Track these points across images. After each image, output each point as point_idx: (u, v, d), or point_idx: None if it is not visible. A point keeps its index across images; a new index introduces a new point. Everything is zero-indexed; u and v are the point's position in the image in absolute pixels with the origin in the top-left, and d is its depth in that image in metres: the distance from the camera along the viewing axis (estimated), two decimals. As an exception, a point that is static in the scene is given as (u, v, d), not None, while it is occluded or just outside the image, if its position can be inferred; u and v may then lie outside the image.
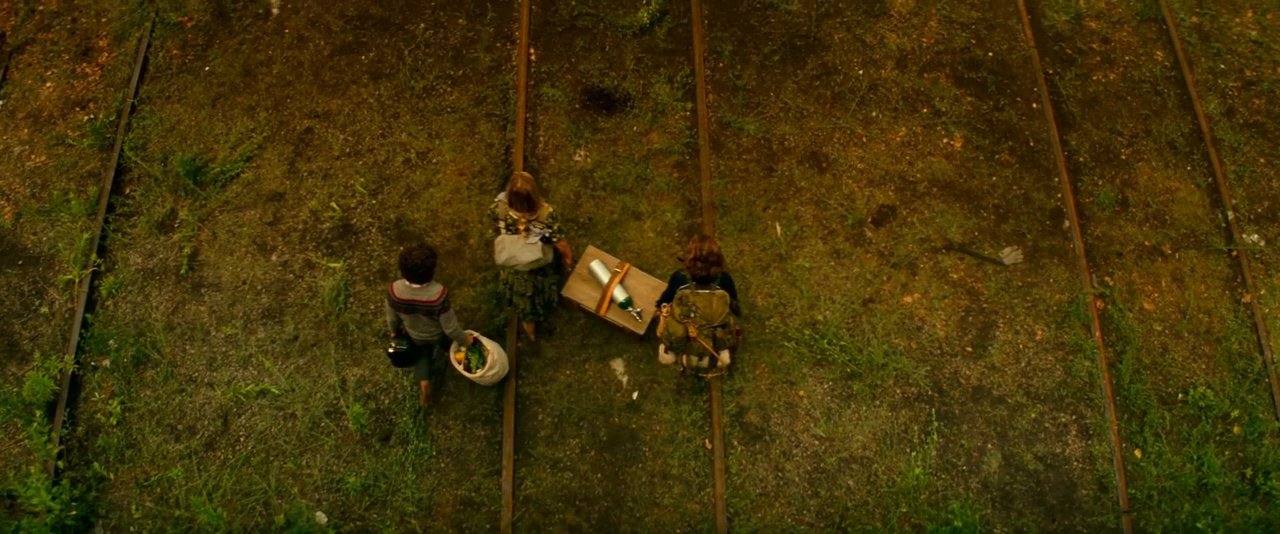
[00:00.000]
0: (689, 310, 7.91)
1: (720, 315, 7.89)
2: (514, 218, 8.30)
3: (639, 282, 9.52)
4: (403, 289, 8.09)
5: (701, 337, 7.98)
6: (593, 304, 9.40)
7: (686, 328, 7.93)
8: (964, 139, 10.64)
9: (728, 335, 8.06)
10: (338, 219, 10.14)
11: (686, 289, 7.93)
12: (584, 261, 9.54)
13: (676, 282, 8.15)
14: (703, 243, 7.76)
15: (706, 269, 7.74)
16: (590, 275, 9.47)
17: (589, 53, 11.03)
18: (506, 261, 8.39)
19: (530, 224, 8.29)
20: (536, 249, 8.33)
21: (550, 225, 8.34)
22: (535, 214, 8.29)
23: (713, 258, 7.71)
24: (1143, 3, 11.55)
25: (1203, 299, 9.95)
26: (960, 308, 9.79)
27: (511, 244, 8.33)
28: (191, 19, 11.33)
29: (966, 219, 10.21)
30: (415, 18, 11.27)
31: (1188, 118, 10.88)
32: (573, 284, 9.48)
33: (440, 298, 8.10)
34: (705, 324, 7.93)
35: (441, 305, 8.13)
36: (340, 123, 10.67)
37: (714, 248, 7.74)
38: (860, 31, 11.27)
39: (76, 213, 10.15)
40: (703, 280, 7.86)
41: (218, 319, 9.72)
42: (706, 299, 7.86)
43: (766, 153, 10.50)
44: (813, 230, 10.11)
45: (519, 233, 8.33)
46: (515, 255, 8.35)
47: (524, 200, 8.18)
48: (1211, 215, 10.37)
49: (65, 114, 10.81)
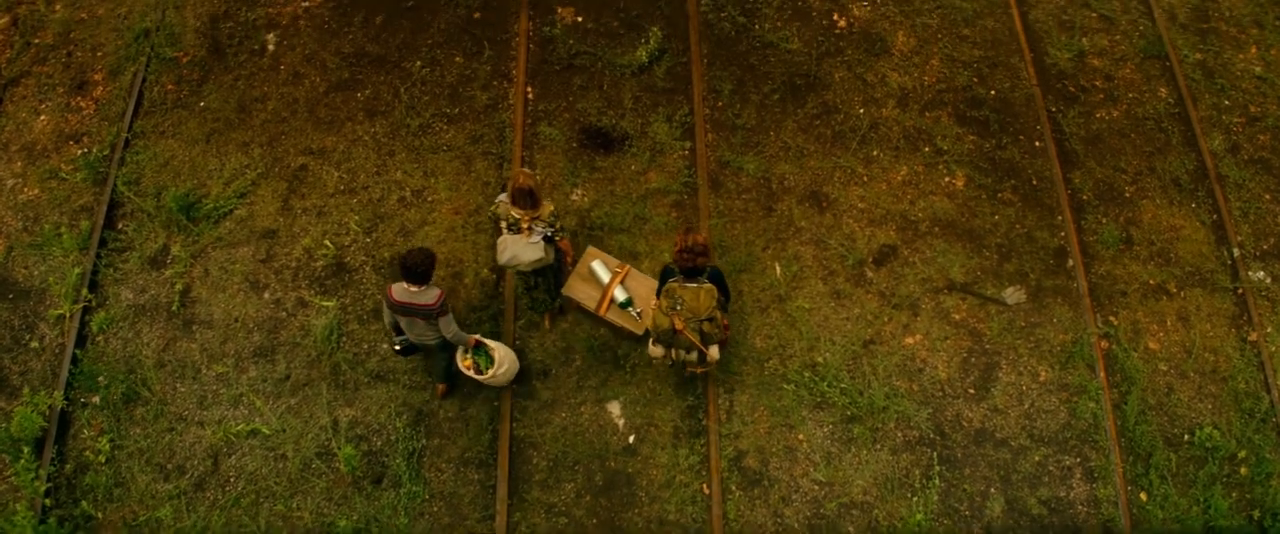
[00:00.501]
0: (675, 303, 8.07)
1: (707, 309, 8.04)
2: (516, 217, 8.50)
3: (639, 283, 9.71)
4: (400, 292, 8.28)
5: (688, 330, 8.11)
6: (593, 304, 9.57)
7: (673, 320, 8.07)
8: (966, 178, 10.80)
9: (715, 329, 8.18)
10: (331, 257, 10.30)
11: (675, 282, 8.11)
12: (584, 261, 9.72)
13: (666, 275, 8.34)
14: (689, 235, 7.93)
15: (693, 260, 7.89)
16: (591, 275, 9.65)
17: (587, 91, 11.25)
18: (509, 262, 8.64)
19: (532, 222, 8.49)
20: (538, 248, 8.58)
21: (552, 224, 8.57)
22: (537, 212, 8.49)
23: (699, 249, 7.87)
24: (1146, 40, 11.76)
25: (1208, 338, 10.05)
26: (962, 349, 9.89)
27: (514, 244, 8.57)
28: (187, 54, 11.59)
29: (969, 258, 10.34)
30: (412, 55, 11.52)
31: (1192, 155, 11.04)
32: (573, 283, 9.66)
33: (438, 302, 8.28)
34: (692, 317, 8.08)
35: (439, 309, 8.31)
36: (335, 160, 10.87)
37: (700, 239, 7.90)
38: (861, 70, 11.48)
39: (68, 247, 10.32)
40: (690, 273, 8.01)
41: (209, 357, 9.85)
42: (694, 293, 8.03)
43: (766, 192, 10.67)
44: (813, 270, 10.25)
45: (521, 232, 8.55)
46: (517, 255, 8.59)
47: (527, 196, 8.37)
48: (1217, 252, 10.50)
49: (59, 147, 11.03)
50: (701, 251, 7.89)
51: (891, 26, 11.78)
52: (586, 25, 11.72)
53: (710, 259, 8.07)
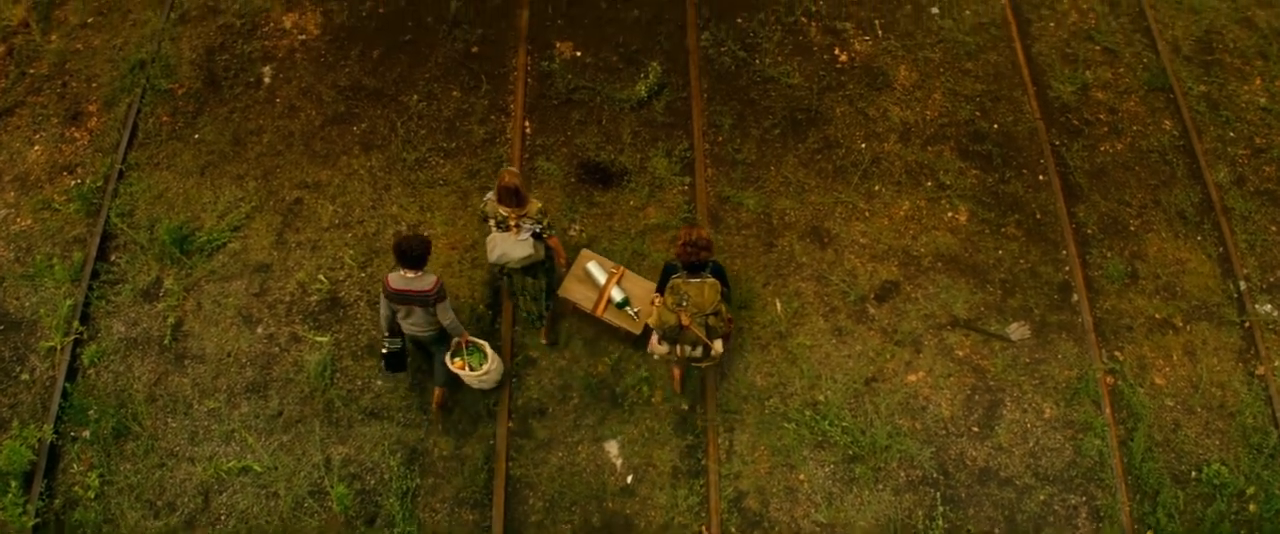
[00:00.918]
0: (681, 299, 8.31)
1: (712, 303, 8.31)
2: (503, 215, 8.70)
3: (634, 284, 9.86)
4: (397, 279, 8.47)
5: (694, 325, 8.35)
6: (589, 305, 9.72)
7: (679, 316, 8.30)
8: (969, 212, 10.90)
9: (720, 323, 8.47)
10: (326, 292, 10.39)
11: (678, 278, 8.35)
12: (580, 263, 9.89)
13: (668, 271, 8.54)
14: (693, 229, 8.23)
15: (697, 255, 8.18)
16: (587, 276, 9.81)
17: (585, 126, 11.39)
18: (499, 259, 8.85)
19: (520, 220, 8.70)
20: (527, 245, 8.78)
21: (540, 220, 8.78)
22: (524, 209, 8.71)
23: (703, 243, 8.19)
24: (1150, 72, 11.91)
25: (1215, 372, 10.10)
26: (966, 386, 9.94)
27: (502, 241, 8.79)
28: (182, 86, 11.75)
29: (972, 294, 10.42)
30: (409, 89, 11.68)
31: (1197, 187, 11.15)
32: (569, 285, 9.81)
33: (435, 288, 8.48)
34: (697, 312, 8.33)
35: (436, 295, 8.50)
36: (330, 194, 10.99)
37: (704, 234, 8.24)
38: (863, 105, 11.61)
39: (60, 278, 10.42)
40: (694, 268, 8.32)
41: (201, 392, 9.92)
42: (698, 288, 8.29)
43: (766, 228, 10.77)
44: (814, 307, 10.33)
45: (509, 230, 8.74)
46: (507, 252, 8.79)
47: (512, 195, 8.59)
48: (1223, 286, 10.58)
49: (52, 178, 11.17)
50: (705, 246, 8.20)
51: (893, 61, 11.93)
52: (585, 60, 11.89)
53: (712, 253, 8.35)
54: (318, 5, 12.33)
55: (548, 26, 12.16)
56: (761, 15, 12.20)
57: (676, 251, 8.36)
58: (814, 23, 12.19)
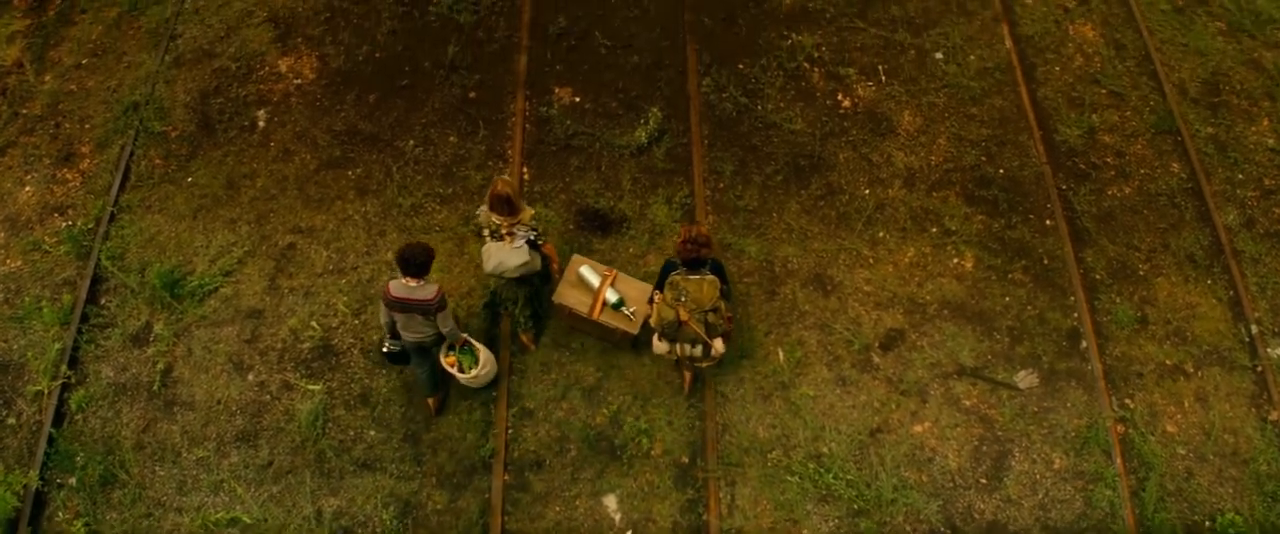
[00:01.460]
0: (680, 294, 8.52)
1: (711, 299, 8.54)
2: (496, 224, 8.92)
3: (628, 285, 10.00)
4: (399, 287, 8.64)
5: (693, 321, 8.54)
6: (585, 308, 9.82)
7: (678, 311, 8.50)
8: (975, 258, 10.98)
9: (719, 320, 8.67)
10: (318, 339, 10.45)
11: (677, 275, 8.58)
12: (572, 268, 10.01)
13: (667, 268, 8.79)
14: (692, 226, 8.45)
15: (696, 251, 8.40)
16: (580, 281, 9.94)
17: (584, 172, 11.50)
18: (495, 269, 9.04)
19: (513, 228, 8.90)
20: (523, 253, 8.97)
21: (534, 228, 8.99)
22: (517, 217, 8.92)
23: (702, 240, 8.43)
24: (1157, 115, 12.04)
25: (1228, 418, 10.13)
26: (973, 437, 9.97)
27: (498, 251, 8.98)
28: (176, 128, 11.88)
29: (979, 342, 10.47)
30: (405, 134, 11.81)
31: (1206, 230, 11.25)
32: (563, 290, 9.93)
33: (436, 297, 8.67)
34: (696, 308, 8.53)
35: (438, 304, 8.70)
36: (324, 239, 11.09)
37: (703, 230, 8.49)
38: (866, 150, 11.72)
39: (49, 321, 10.49)
40: (693, 264, 8.57)
41: (190, 440, 9.95)
42: (697, 284, 8.53)
43: (769, 275, 10.85)
44: (817, 356, 10.38)
45: (503, 239, 8.94)
46: (502, 261, 8.98)
47: (505, 203, 8.81)
48: (1234, 330, 10.63)
49: (43, 219, 11.27)
50: (704, 242, 8.45)
51: (897, 106, 12.06)
52: (584, 105, 12.03)
53: (712, 250, 8.56)
54: (314, 49, 12.51)
55: (546, 72, 12.32)
56: (763, 61, 12.36)
57: (676, 248, 8.63)
58: (816, 68, 12.34)
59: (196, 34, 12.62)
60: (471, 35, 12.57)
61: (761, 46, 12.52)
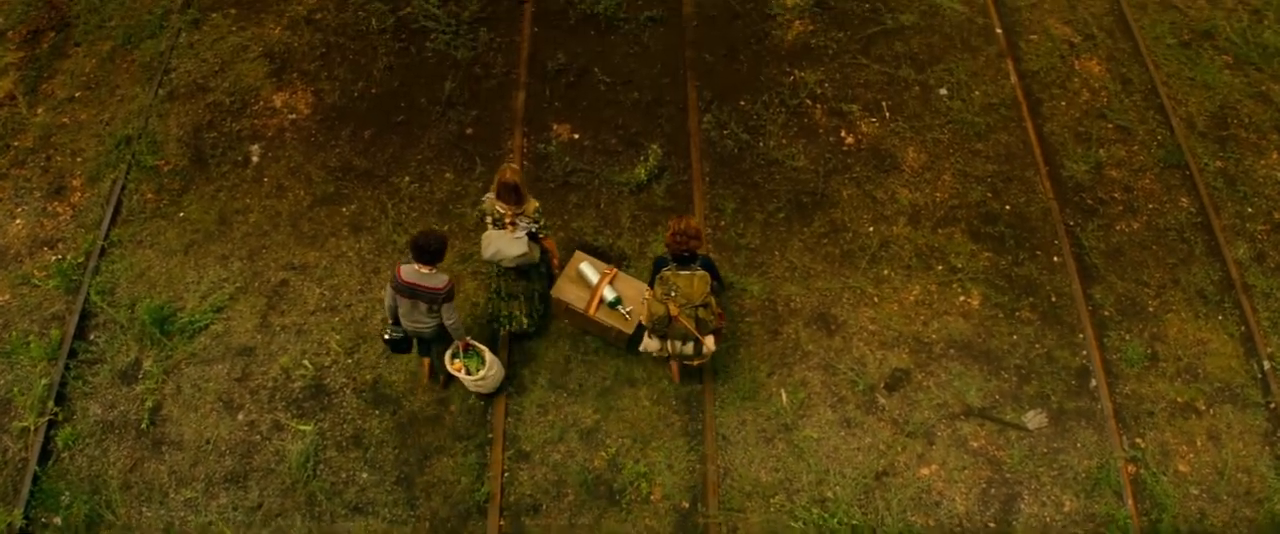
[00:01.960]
0: (670, 290, 8.66)
1: (701, 295, 8.73)
2: (500, 212, 9.13)
3: (627, 284, 10.16)
4: (409, 272, 8.77)
5: (683, 316, 8.69)
6: (582, 304, 9.98)
7: (668, 306, 8.64)
8: (982, 296, 10.98)
9: (710, 316, 8.83)
10: (310, 378, 10.43)
11: (668, 270, 8.72)
12: (572, 265, 10.19)
13: (659, 265, 8.97)
14: (682, 219, 8.63)
15: (686, 244, 8.61)
16: (579, 277, 10.13)
17: (583, 210, 11.53)
18: (493, 256, 9.25)
19: (516, 218, 9.13)
20: (522, 243, 9.16)
21: (536, 220, 9.22)
22: (521, 208, 9.14)
23: (692, 232, 8.64)
24: (1165, 149, 12.09)
25: (1241, 457, 10.09)
26: (981, 479, 9.93)
27: (498, 239, 9.21)
28: (169, 163, 11.95)
29: (986, 381, 10.46)
30: (400, 170, 11.87)
31: (1217, 265, 11.26)
32: (562, 285, 10.11)
33: (445, 288, 8.80)
34: (686, 303, 8.67)
35: (445, 295, 8.82)
36: (317, 276, 11.11)
37: (694, 224, 8.69)
38: (870, 187, 11.76)
39: (36, 357, 10.49)
40: (683, 260, 8.76)
41: (177, 480, 9.90)
42: (687, 279, 8.73)
43: (771, 315, 10.85)
44: (821, 397, 10.36)
45: (505, 228, 9.17)
46: (501, 250, 9.19)
47: (512, 192, 9.04)
48: (1246, 366, 10.62)
49: (32, 253, 11.32)
50: (694, 236, 8.65)
51: (901, 143, 12.11)
52: (583, 142, 12.09)
53: (702, 244, 8.74)
54: (309, 84, 12.59)
55: (545, 108, 12.40)
56: (765, 97, 12.43)
57: (666, 242, 8.74)
58: (819, 105, 12.40)
59: (191, 68, 12.73)
60: (469, 71, 12.67)
61: (763, 83, 12.60)
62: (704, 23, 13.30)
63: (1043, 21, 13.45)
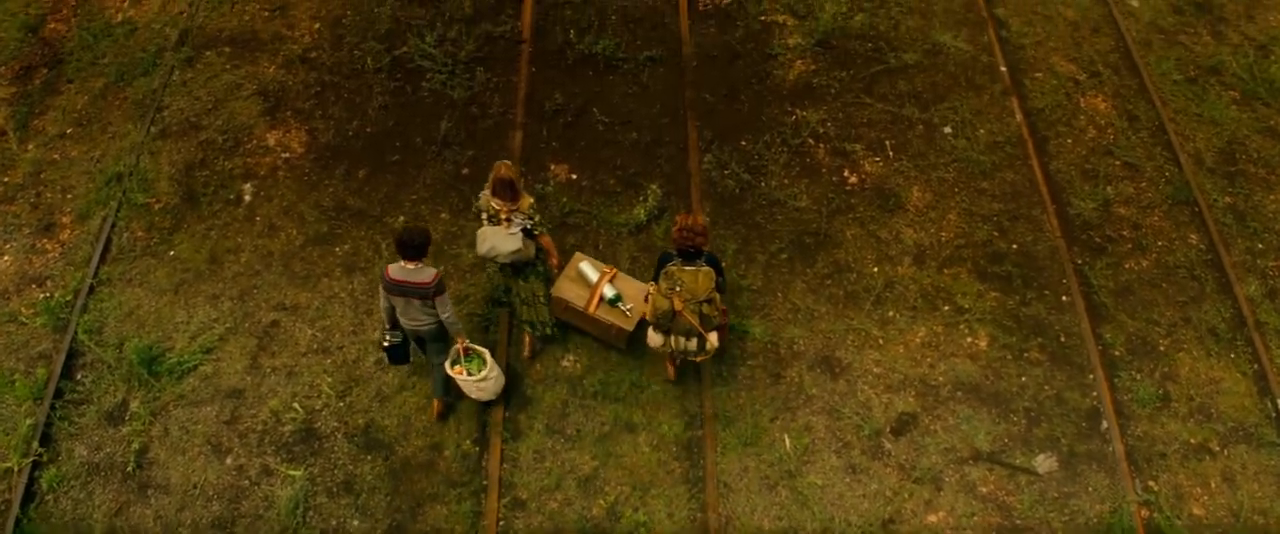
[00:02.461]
0: (675, 284, 8.82)
1: (705, 290, 8.90)
2: (495, 208, 9.26)
3: (626, 283, 10.38)
4: (397, 270, 8.89)
5: (687, 311, 8.82)
6: (582, 303, 10.13)
7: (672, 301, 8.78)
8: (989, 337, 10.92)
9: (714, 312, 9.05)
10: (300, 422, 10.35)
11: (673, 266, 8.94)
12: (573, 264, 10.41)
13: (664, 260, 9.22)
14: (689, 215, 8.91)
15: (692, 240, 8.80)
16: (579, 276, 10.31)
17: (581, 250, 11.43)
18: (488, 252, 9.37)
19: (511, 214, 9.25)
20: (517, 239, 9.30)
21: (531, 216, 9.36)
22: (516, 204, 9.25)
23: (698, 229, 8.81)
24: (1173, 186, 12.07)
25: (1257, 498, 9.98)
26: (991, 526, 9.82)
27: (493, 235, 9.34)
28: (159, 201, 11.93)
29: (995, 425, 10.37)
30: (395, 210, 11.84)
31: (1228, 302, 11.21)
32: (562, 284, 10.28)
33: (434, 281, 8.87)
34: (691, 299, 8.86)
35: (435, 289, 8.89)
36: (309, 317, 11.05)
37: (700, 220, 8.90)
38: (874, 227, 11.73)
39: (21, 396, 10.42)
40: (689, 256, 8.94)
41: (163, 526, 9.76)
42: (692, 275, 8.90)
43: (774, 358, 10.78)
44: (825, 443, 10.27)
45: (500, 224, 9.29)
46: (496, 246, 9.32)
47: (507, 188, 9.16)
48: (1260, 405, 10.53)
49: (20, 290, 11.27)
50: (700, 231, 8.82)
51: (906, 182, 12.09)
52: (581, 182, 12.07)
53: (707, 241, 8.82)
54: (303, 123, 12.59)
55: (542, 148, 12.39)
56: (766, 137, 12.43)
57: (672, 237, 8.89)
58: (822, 144, 12.39)
59: (184, 106, 12.74)
60: (465, 111, 12.68)
61: (764, 123, 12.60)
62: (704, 62, 13.32)
63: (1047, 59, 13.47)
